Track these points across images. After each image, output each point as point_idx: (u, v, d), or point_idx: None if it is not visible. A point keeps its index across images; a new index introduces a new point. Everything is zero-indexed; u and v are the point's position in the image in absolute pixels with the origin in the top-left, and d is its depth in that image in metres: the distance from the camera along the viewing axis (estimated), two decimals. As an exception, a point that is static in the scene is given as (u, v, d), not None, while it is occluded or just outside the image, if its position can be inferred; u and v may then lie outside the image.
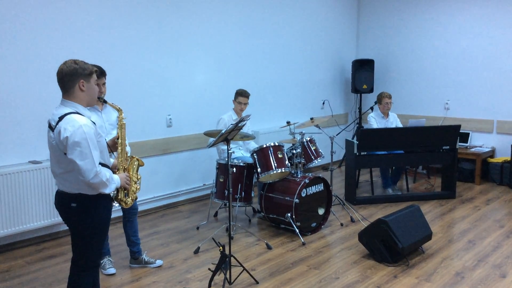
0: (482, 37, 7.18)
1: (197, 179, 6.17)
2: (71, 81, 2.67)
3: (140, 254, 4.17)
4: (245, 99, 5.41)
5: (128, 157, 3.07)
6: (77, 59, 2.75)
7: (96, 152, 2.62)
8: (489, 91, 7.17)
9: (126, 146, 3.53)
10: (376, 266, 4.15)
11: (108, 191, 2.71)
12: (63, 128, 2.57)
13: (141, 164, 3.14)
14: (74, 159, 2.56)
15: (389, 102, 6.31)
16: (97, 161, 2.61)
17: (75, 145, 2.55)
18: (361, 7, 8.53)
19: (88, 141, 2.57)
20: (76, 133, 2.54)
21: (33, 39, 4.52)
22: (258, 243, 4.69)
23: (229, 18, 6.29)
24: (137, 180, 3.06)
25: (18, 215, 4.43)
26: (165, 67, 5.62)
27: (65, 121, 2.59)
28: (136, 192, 3.04)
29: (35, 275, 4.00)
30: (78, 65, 2.69)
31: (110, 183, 2.70)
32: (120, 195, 2.94)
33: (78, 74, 2.68)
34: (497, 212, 5.61)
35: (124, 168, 3.00)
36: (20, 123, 4.52)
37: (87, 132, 2.58)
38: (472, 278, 3.89)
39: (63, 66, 2.69)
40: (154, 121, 5.58)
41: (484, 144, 7.26)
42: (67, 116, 2.61)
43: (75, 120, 2.58)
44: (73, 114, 2.62)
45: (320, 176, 5.01)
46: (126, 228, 4.11)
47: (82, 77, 2.69)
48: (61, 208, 2.78)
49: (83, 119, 2.62)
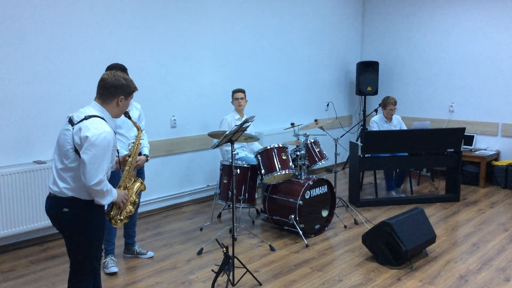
0: (487, 40, 7.16)
1: (201, 180, 6.18)
2: (113, 93, 2.72)
3: (133, 246, 4.37)
4: (241, 93, 5.43)
5: (133, 178, 3.01)
6: (126, 75, 2.79)
7: (108, 162, 2.64)
8: (494, 94, 7.15)
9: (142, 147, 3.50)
10: (379, 268, 4.14)
11: (103, 203, 2.68)
12: (86, 127, 2.58)
13: (142, 188, 3.06)
14: (84, 160, 2.55)
15: (394, 108, 6.26)
16: (105, 170, 2.62)
17: (92, 147, 2.55)
18: (366, 9, 8.52)
19: (105, 149, 2.59)
20: (98, 137, 2.57)
21: (38, 39, 4.54)
22: (262, 244, 4.69)
23: (235, 20, 6.30)
24: (133, 201, 2.97)
25: (22, 215, 4.44)
26: (169, 68, 5.64)
27: (91, 121, 2.61)
28: (128, 214, 2.95)
29: (39, 275, 4.01)
30: (126, 82, 2.74)
31: (107, 195, 2.67)
32: (113, 212, 2.87)
33: (123, 90, 2.74)
34: (501, 216, 5.59)
35: (125, 187, 2.94)
36: (25, 123, 4.53)
37: (108, 140, 2.60)
38: (476, 282, 3.88)
39: (112, 76, 2.72)
40: (159, 122, 5.59)
41: (488, 147, 7.24)
42: (95, 119, 2.63)
43: (100, 125, 2.61)
44: (100, 119, 2.66)
45: (324, 178, 5.00)
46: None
47: (124, 94, 2.75)
48: (52, 214, 2.73)
49: (108, 127, 2.64)
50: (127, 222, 4.15)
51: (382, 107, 6.35)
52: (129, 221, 4.15)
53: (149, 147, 4.25)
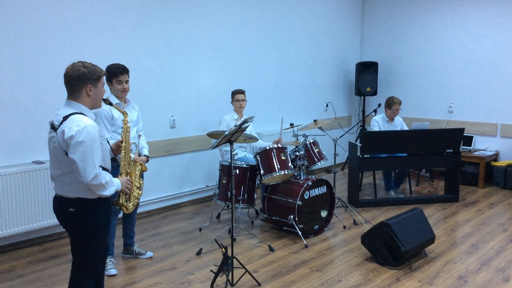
0: (486, 40, 7.17)
1: (200, 180, 6.17)
2: (79, 85, 2.65)
3: (132, 246, 4.38)
4: (241, 95, 5.44)
5: (131, 162, 3.03)
6: (85, 61, 2.71)
7: (98, 154, 2.61)
8: (493, 95, 7.16)
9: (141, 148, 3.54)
10: (378, 269, 4.14)
11: (107, 194, 2.67)
12: (68, 127, 2.56)
13: (144, 169, 3.11)
14: (75, 159, 2.54)
15: (399, 108, 6.30)
16: (98, 163, 2.60)
17: (79, 144, 2.53)
18: (366, 9, 8.53)
19: (92, 141, 2.57)
20: (81, 133, 2.54)
21: (38, 39, 4.53)
22: (261, 245, 4.69)
23: (234, 21, 6.30)
24: (139, 185, 3.02)
25: (21, 215, 4.44)
26: (169, 68, 5.63)
27: (70, 120, 2.58)
28: (138, 197, 3.00)
29: (37, 275, 4.01)
30: (86, 69, 2.65)
31: (110, 185, 2.66)
32: (121, 200, 2.91)
33: (86, 78, 2.65)
34: (500, 216, 5.60)
35: (127, 172, 2.97)
36: (24, 123, 4.53)
37: (91, 133, 2.57)
38: (475, 282, 3.88)
39: (70, 69, 2.65)
40: (158, 122, 5.59)
41: (487, 147, 7.24)
42: (72, 116, 2.60)
43: (80, 120, 2.58)
44: (78, 115, 2.62)
45: (323, 178, 5.00)
46: (124, 222, 4.30)
47: (90, 81, 2.67)
48: (59, 213, 2.76)
49: (88, 120, 2.62)
50: (126, 222, 4.23)
51: (387, 107, 6.34)
52: (128, 222, 4.27)
53: (148, 147, 4.26)
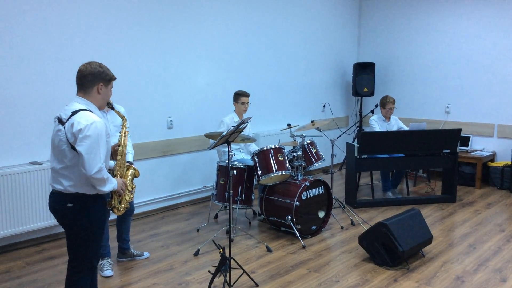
0: (483, 41, 7.19)
1: (198, 181, 6.17)
2: (92, 81, 2.77)
3: (129, 250, 4.34)
4: (247, 98, 5.48)
5: (126, 165, 3.08)
6: (101, 64, 2.85)
7: (104, 150, 2.69)
8: (490, 95, 7.17)
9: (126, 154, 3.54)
10: (376, 269, 4.14)
11: (106, 190, 2.73)
12: (77, 121, 2.64)
13: (137, 174, 3.16)
14: (81, 151, 2.60)
15: (393, 107, 6.35)
16: (102, 158, 2.67)
17: (86, 138, 2.61)
18: (363, 10, 8.54)
19: (99, 137, 2.65)
20: (90, 127, 2.62)
21: (35, 39, 4.52)
22: (258, 245, 4.69)
23: (231, 21, 6.30)
24: (131, 189, 3.06)
25: (18, 216, 4.42)
26: (166, 68, 5.63)
27: (79, 115, 2.66)
28: (128, 200, 3.03)
29: (34, 276, 4.00)
30: (102, 69, 2.80)
31: (108, 182, 2.73)
32: (114, 201, 2.93)
33: (101, 77, 2.79)
34: (497, 216, 5.61)
35: (120, 176, 3.00)
36: (21, 123, 4.52)
37: (99, 128, 2.66)
38: (473, 282, 3.88)
39: (87, 66, 2.78)
40: (155, 123, 5.58)
41: (484, 148, 7.26)
42: (81, 112, 2.68)
43: (89, 116, 2.67)
44: (87, 111, 2.71)
45: (320, 179, 5.01)
46: (119, 226, 4.27)
47: (103, 81, 2.80)
48: (56, 209, 2.79)
49: (97, 118, 2.71)
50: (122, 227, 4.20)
51: (381, 106, 6.39)
52: (123, 227, 4.26)
53: (133, 153, 4.14)
